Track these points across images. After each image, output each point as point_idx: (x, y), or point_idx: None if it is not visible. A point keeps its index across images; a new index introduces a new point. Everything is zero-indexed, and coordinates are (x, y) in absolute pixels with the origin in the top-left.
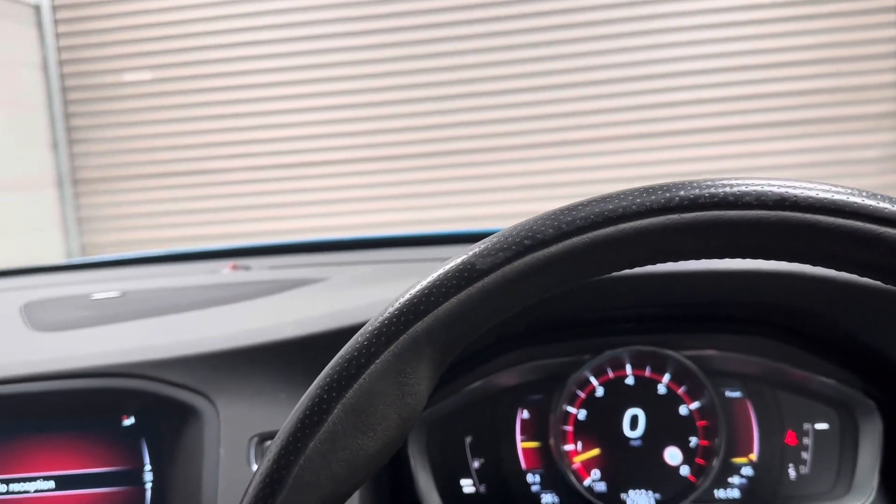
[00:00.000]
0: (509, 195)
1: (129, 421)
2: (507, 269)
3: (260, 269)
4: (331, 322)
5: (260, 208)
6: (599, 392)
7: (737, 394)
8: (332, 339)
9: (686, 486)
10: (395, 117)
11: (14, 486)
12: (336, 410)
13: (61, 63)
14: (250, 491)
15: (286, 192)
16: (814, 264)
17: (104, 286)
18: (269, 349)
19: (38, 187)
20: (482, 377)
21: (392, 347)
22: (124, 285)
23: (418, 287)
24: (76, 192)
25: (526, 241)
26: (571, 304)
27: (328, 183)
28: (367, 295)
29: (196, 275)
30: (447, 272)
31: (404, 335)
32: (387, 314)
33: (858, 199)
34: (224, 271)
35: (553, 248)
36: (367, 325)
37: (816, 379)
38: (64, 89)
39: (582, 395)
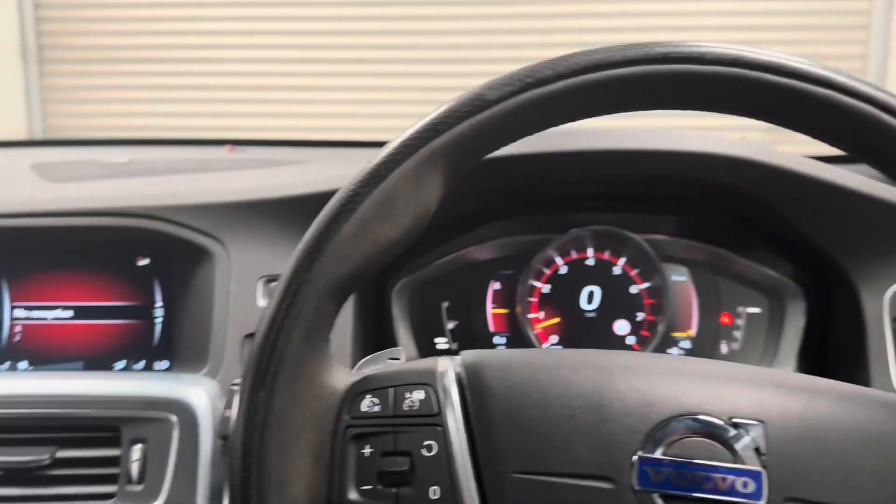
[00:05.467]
0: None
1: (143, 261)
2: (511, 101)
3: (255, 151)
4: (332, 183)
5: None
6: (563, 270)
7: (683, 278)
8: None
9: None
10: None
11: (35, 313)
12: (366, 202)
13: None
14: (293, 259)
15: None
16: (750, 116)
17: (109, 156)
18: (277, 203)
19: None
20: (461, 249)
21: (415, 156)
22: (130, 157)
23: (437, 112)
24: (42, 71)
25: (528, 80)
26: (542, 180)
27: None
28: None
29: (197, 152)
30: (462, 100)
31: (424, 147)
32: (411, 132)
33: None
34: (222, 152)
35: (550, 87)
36: (393, 139)
37: (754, 267)
38: None
39: (547, 271)
